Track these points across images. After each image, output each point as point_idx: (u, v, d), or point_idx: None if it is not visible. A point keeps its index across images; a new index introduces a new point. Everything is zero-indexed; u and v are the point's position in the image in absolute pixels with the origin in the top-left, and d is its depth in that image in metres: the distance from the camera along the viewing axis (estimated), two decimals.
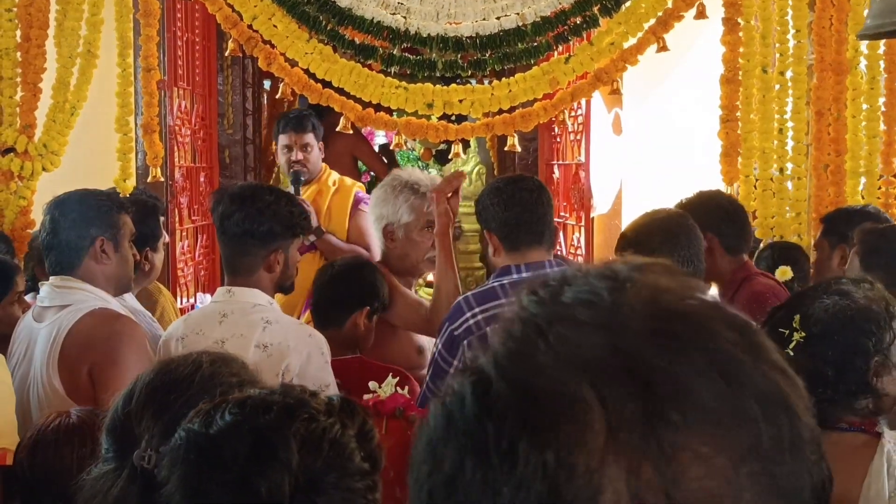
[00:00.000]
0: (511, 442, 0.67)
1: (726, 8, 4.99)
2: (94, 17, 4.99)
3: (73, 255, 3.32)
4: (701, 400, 0.65)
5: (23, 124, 4.98)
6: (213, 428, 1.60)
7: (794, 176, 4.91)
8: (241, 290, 3.29)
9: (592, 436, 0.65)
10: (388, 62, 5.05)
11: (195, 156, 6.47)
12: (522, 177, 3.85)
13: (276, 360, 3.14)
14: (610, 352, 0.67)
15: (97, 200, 3.44)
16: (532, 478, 0.66)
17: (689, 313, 0.70)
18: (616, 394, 0.66)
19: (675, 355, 0.67)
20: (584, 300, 0.71)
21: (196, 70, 6.43)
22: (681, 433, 0.65)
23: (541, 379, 0.68)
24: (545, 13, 5.02)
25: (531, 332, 0.71)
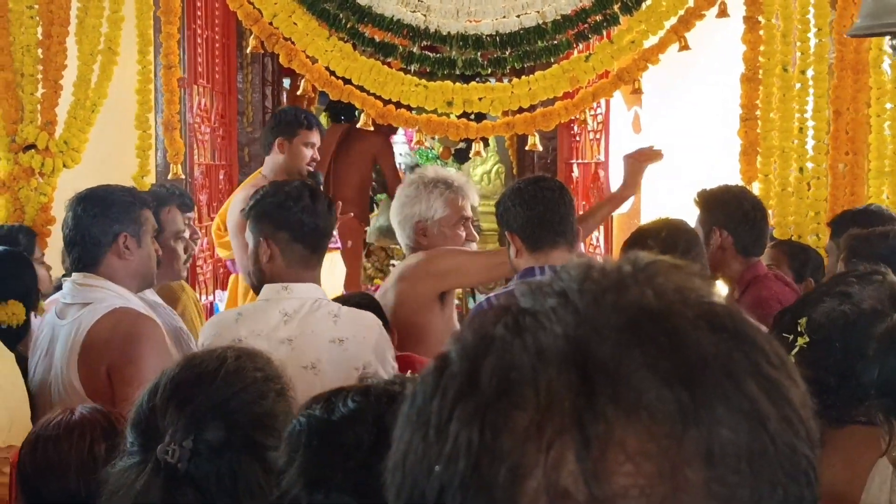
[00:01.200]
0: (446, 419, 0.67)
1: (747, 6, 4.97)
2: (115, 15, 4.99)
3: (95, 250, 3.34)
4: (645, 400, 0.64)
5: (44, 121, 4.99)
6: (335, 415, 1.64)
7: (814, 175, 4.88)
8: (297, 287, 3.25)
9: (518, 419, 0.65)
10: (408, 60, 5.05)
11: (215, 153, 6.50)
12: (543, 177, 3.85)
13: (352, 353, 3.14)
14: (564, 341, 0.67)
15: (119, 196, 3.46)
16: (457, 455, 0.66)
17: (669, 314, 0.68)
18: (554, 380, 0.65)
19: (632, 352, 0.65)
20: (558, 290, 0.71)
21: (216, 68, 6.46)
22: (612, 428, 0.63)
23: (487, 360, 0.68)
24: (565, 11, 5.01)
25: (503, 317, 0.71)
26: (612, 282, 0.71)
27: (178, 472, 1.75)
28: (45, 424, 2.39)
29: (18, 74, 4.97)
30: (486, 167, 9.10)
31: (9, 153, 4.97)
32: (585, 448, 0.63)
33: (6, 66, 4.94)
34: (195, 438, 1.79)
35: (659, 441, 0.63)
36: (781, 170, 4.92)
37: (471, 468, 0.65)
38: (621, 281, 0.71)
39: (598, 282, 0.71)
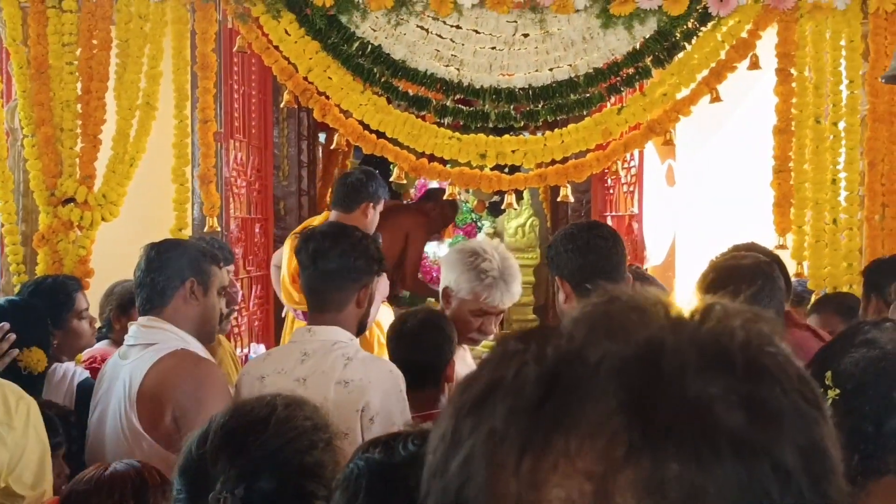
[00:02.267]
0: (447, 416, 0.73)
1: (779, 59, 4.99)
2: (153, 70, 5.08)
3: (163, 293, 3.40)
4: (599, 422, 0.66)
5: (83, 175, 5.07)
6: (396, 458, 1.66)
7: (847, 226, 4.88)
8: (322, 329, 3.34)
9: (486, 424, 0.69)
10: (442, 113, 5.09)
11: (250, 207, 6.54)
12: (597, 224, 3.82)
13: (356, 396, 3.17)
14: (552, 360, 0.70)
15: (193, 247, 3.59)
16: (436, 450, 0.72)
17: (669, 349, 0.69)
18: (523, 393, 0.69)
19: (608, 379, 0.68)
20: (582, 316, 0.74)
21: (252, 123, 6.53)
22: (558, 441, 0.66)
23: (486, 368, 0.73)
24: (597, 64, 5.05)
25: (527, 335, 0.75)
26: (635, 312, 0.72)
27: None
28: (79, 480, 2.42)
29: (58, 129, 5.07)
30: (521, 220, 9.11)
31: (48, 206, 5.04)
32: (522, 454, 0.67)
33: (46, 120, 5.03)
34: (247, 487, 1.80)
35: (603, 463, 0.65)
36: (815, 221, 4.91)
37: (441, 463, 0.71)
38: (645, 312, 0.72)
39: (619, 312, 0.73)
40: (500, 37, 5.03)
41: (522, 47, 5.05)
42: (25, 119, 5.07)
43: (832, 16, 4.92)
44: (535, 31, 5.03)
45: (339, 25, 5.00)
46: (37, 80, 5.05)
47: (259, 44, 5.08)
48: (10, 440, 2.88)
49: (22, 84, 5.09)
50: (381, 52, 5.02)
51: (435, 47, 5.04)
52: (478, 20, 5.00)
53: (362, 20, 4.99)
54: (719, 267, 3.73)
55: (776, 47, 5.00)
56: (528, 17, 5.00)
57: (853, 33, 4.88)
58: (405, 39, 5.02)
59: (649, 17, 4.95)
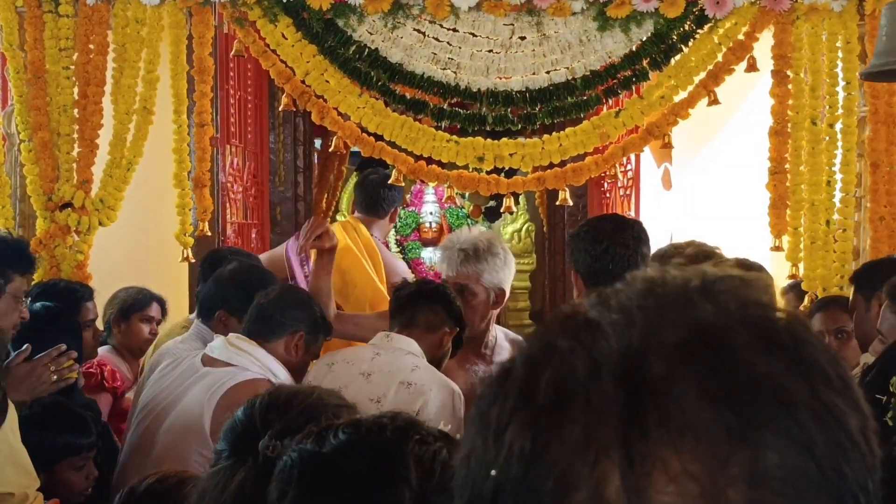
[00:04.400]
0: (504, 425, 0.69)
1: (775, 61, 4.99)
2: (150, 75, 5.07)
3: (274, 331, 3.64)
4: (691, 421, 0.64)
5: (80, 180, 5.06)
6: (326, 447, 1.65)
7: (840, 228, 4.88)
8: (400, 337, 3.63)
9: (569, 431, 0.66)
10: (439, 117, 5.09)
11: (247, 213, 6.53)
12: (623, 226, 3.65)
13: (415, 397, 3.39)
14: (619, 356, 0.68)
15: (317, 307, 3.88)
16: (511, 461, 0.67)
17: (725, 331, 0.68)
18: (605, 396, 0.66)
19: (681, 371, 0.66)
20: (621, 304, 0.72)
21: (248, 128, 6.52)
22: (656, 447, 0.64)
23: (546, 370, 0.69)
24: (595, 67, 5.05)
25: (569, 329, 0.72)
26: (675, 297, 0.72)
27: (273, 469, 1.83)
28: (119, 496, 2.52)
29: (55, 134, 5.06)
30: (517, 225, 9.12)
31: (45, 212, 5.03)
32: (629, 465, 0.64)
33: (43, 125, 5.02)
34: (293, 439, 1.85)
35: (703, 462, 0.64)
36: (811, 223, 4.92)
37: (522, 475, 0.67)
38: (685, 296, 0.72)
39: (661, 297, 0.72)
40: (497, 40, 5.03)
41: (519, 50, 5.05)
42: (22, 124, 5.06)
43: (828, 17, 4.93)
44: (531, 34, 5.03)
45: (336, 29, 5.01)
46: (33, 85, 5.04)
47: (256, 48, 5.08)
48: None
49: (18, 89, 5.08)
50: (378, 56, 5.02)
51: (432, 50, 5.04)
52: (474, 23, 5.00)
53: (359, 24, 4.99)
54: None
55: (772, 49, 5.01)
56: (524, 20, 5.00)
57: (850, 35, 4.89)
58: (402, 43, 5.02)
59: (646, 19, 4.95)
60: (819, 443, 0.66)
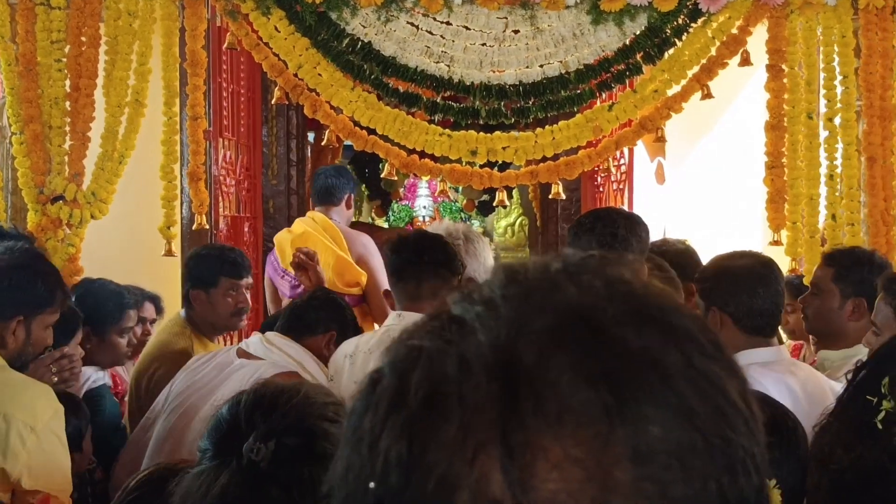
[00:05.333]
0: (377, 434, 0.67)
1: (770, 54, 4.98)
2: (142, 67, 5.05)
3: (308, 329, 3.81)
4: (569, 405, 0.63)
5: (71, 172, 5.04)
6: None
7: (848, 222, 4.87)
8: (411, 315, 3.58)
9: (444, 431, 0.64)
10: (432, 110, 5.08)
11: (240, 206, 6.52)
12: (612, 220, 3.50)
13: None
14: (488, 349, 0.66)
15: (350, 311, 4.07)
16: (388, 470, 0.65)
17: (594, 310, 0.67)
18: (478, 391, 0.64)
19: (557, 356, 0.64)
20: (484, 296, 0.70)
21: (241, 121, 6.50)
22: (536, 436, 0.62)
23: (415, 373, 0.67)
24: (588, 61, 5.04)
25: (435, 328, 0.70)
26: (537, 283, 0.70)
27: (259, 472, 1.84)
28: None
29: (46, 127, 5.04)
30: (510, 219, 9.12)
31: (37, 204, 5.02)
32: (510, 458, 0.62)
33: (35, 118, 5.00)
34: (277, 441, 1.87)
35: (585, 444, 0.62)
36: (809, 217, 4.91)
37: (403, 483, 0.65)
38: (548, 280, 0.70)
39: (523, 284, 0.70)
40: (491, 33, 5.02)
41: (513, 44, 5.04)
42: (14, 116, 5.04)
43: (823, 11, 4.92)
44: (525, 28, 5.02)
45: (329, 22, 4.99)
46: (25, 78, 5.02)
47: (249, 41, 5.06)
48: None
49: (10, 81, 5.06)
50: (371, 49, 5.01)
51: (425, 44, 5.02)
52: (468, 16, 4.99)
53: (352, 17, 4.98)
54: None
55: (767, 43, 5.00)
56: (518, 14, 4.99)
57: (844, 29, 4.88)
58: (395, 36, 5.01)
59: (640, 13, 4.94)
60: (700, 411, 0.64)
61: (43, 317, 3.37)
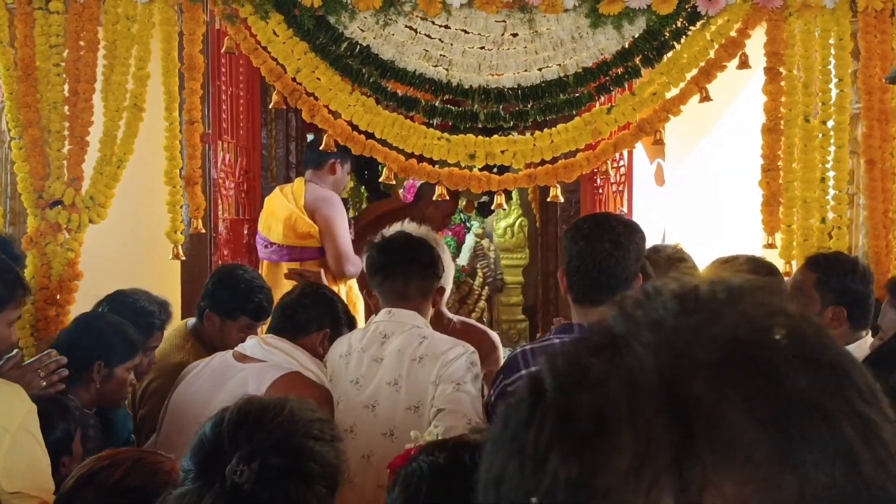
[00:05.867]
0: (545, 451, 0.67)
1: (768, 57, 4.98)
2: (141, 72, 5.05)
3: (303, 328, 3.87)
4: (742, 443, 0.63)
5: (70, 177, 5.04)
6: (461, 467, 1.74)
7: (835, 226, 4.87)
8: (402, 312, 3.76)
9: (617, 459, 0.64)
10: (431, 114, 5.07)
11: (239, 209, 6.52)
12: (609, 222, 3.51)
13: (428, 369, 3.58)
14: (659, 376, 0.66)
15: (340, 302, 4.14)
16: (556, 491, 0.66)
17: (763, 348, 0.67)
18: (652, 421, 0.65)
19: (727, 390, 0.65)
20: (652, 321, 0.71)
21: (240, 124, 6.50)
22: (709, 471, 0.63)
23: (587, 394, 0.68)
24: (587, 64, 5.03)
25: (600, 346, 0.71)
26: (705, 312, 0.70)
27: (243, 493, 1.83)
28: None
29: (45, 131, 5.04)
30: (510, 220, 9.10)
31: (36, 209, 5.02)
32: (683, 491, 0.63)
33: (33, 123, 5.00)
34: (261, 462, 1.87)
35: (754, 485, 0.63)
36: (804, 220, 4.91)
37: (570, 503, 0.66)
38: (715, 310, 0.70)
39: (693, 313, 0.70)
40: (489, 37, 5.02)
41: (511, 47, 5.04)
42: (12, 121, 5.04)
43: (821, 14, 4.91)
44: (524, 31, 5.01)
45: (328, 26, 4.99)
46: (24, 82, 5.02)
47: (247, 45, 5.06)
48: None
49: (9, 86, 5.05)
50: (369, 53, 5.00)
51: (424, 47, 5.02)
52: (466, 20, 4.98)
53: (350, 20, 4.97)
54: None
55: (765, 46, 4.99)
56: (516, 17, 4.99)
57: (842, 31, 4.88)
58: (394, 40, 5.00)
59: (638, 16, 4.94)
60: (864, 460, 0.65)
61: (5, 313, 3.38)
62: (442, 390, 3.55)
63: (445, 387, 3.55)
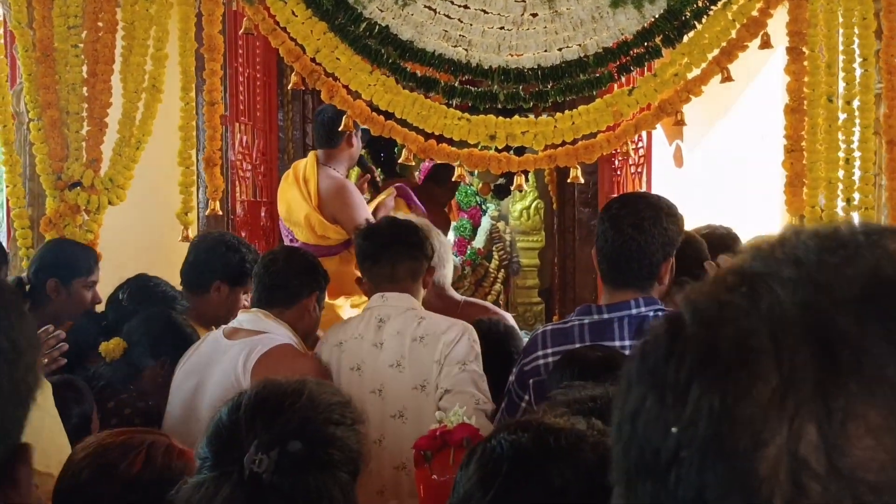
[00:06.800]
0: (685, 383, 0.69)
1: (791, 37, 4.93)
2: (159, 53, 5.03)
3: (293, 296, 3.95)
4: (887, 375, 0.64)
5: (89, 158, 5.03)
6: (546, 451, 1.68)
7: (862, 206, 4.83)
8: (395, 296, 3.84)
9: (761, 388, 0.66)
10: (450, 94, 5.04)
11: (256, 191, 6.52)
12: (637, 205, 3.49)
13: (431, 347, 3.65)
14: (801, 310, 0.68)
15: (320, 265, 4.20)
16: (697, 421, 0.68)
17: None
18: (795, 352, 0.66)
19: (871, 325, 0.66)
20: (793, 258, 0.72)
21: (257, 105, 6.49)
22: (854, 401, 0.64)
23: (728, 327, 0.69)
24: (607, 44, 4.99)
25: (737, 283, 0.72)
26: (847, 251, 0.71)
27: (262, 483, 1.79)
28: None
29: (64, 113, 5.02)
30: (526, 203, 9.08)
31: (55, 191, 5.01)
32: (828, 421, 0.64)
33: (52, 104, 4.99)
34: (280, 451, 1.83)
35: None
36: (828, 201, 4.87)
37: (711, 433, 0.67)
38: (856, 249, 0.72)
39: (834, 251, 0.72)
40: (509, 17, 4.98)
41: (531, 27, 5.00)
42: (31, 102, 5.03)
43: None
44: (543, 11, 4.98)
45: (346, 6, 4.95)
46: (42, 63, 5.00)
47: (266, 25, 5.03)
48: None
49: (27, 67, 5.03)
50: (388, 33, 4.97)
51: (443, 28, 4.99)
52: (486, 0, 4.95)
53: (369, 1, 4.94)
54: None
55: (787, 26, 4.95)
56: None
57: (866, 11, 4.82)
58: (413, 20, 4.97)
59: None
60: None
61: None
62: (448, 371, 3.62)
63: (451, 368, 3.61)
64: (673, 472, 0.69)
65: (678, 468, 0.69)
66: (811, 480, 0.64)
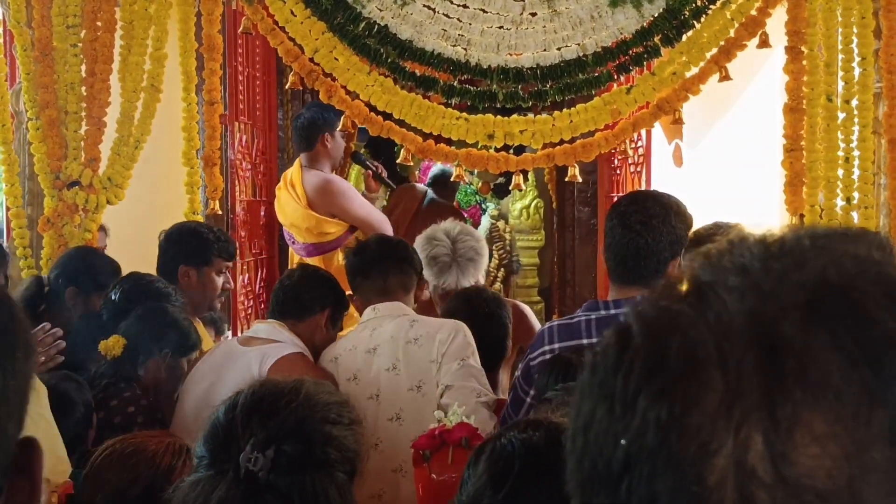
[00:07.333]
0: (633, 394, 0.69)
1: (789, 36, 4.93)
2: (158, 52, 5.04)
3: (304, 310, 3.99)
4: (832, 381, 0.64)
5: (87, 158, 5.03)
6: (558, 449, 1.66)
7: (862, 205, 4.83)
8: (385, 305, 3.91)
9: (707, 398, 0.66)
10: (449, 94, 5.04)
11: (256, 190, 6.51)
12: (644, 203, 3.53)
13: (426, 348, 3.68)
14: (747, 318, 0.67)
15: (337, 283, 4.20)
16: (646, 431, 0.67)
17: (851, 290, 0.68)
18: (741, 360, 0.66)
19: (816, 331, 0.66)
20: (739, 266, 0.72)
21: (256, 105, 6.49)
22: (799, 409, 0.64)
23: (674, 337, 0.69)
24: (606, 43, 4.99)
25: (685, 293, 0.72)
26: (793, 257, 0.71)
27: (258, 482, 1.79)
28: None
29: (62, 112, 5.03)
30: (525, 202, 9.05)
31: (53, 190, 5.01)
32: (774, 429, 0.64)
33: (51, 103, 4.99)
34: (276, 450, 1.83)
35: (845, 422, 0.64)
36: (827, 200, 4.87)
37: (659, 443, 0.67)
38: (802, 255, 0.71)
39: (779, 258, 0.72)
40: (508, 16, 4.98)
41: (530, 26, 5.00)
42: (30, 102, 5.03)
43: None
44: (542, 10, 4.98)
45: (345, 5, 4.95)
46: (41, 63, 5.01)
47: (264, 25, 5.03)
48: None
49: (26, 66, 5.04)
50: (387, 33, 4.97)
51: (442, 27, 4.99)
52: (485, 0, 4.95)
53: (368, 0, 4.94)
54: None
55: (786, 25, 4.94)
56: None
57: (864, 10, 4.82)
58: (412, 19, 4.97)
59: None
60: None
61: None
62: (447, 368, 3.64)
63: (450, 364, 3.64)
64: (624, 482, 0.69)
65: (629, 479, 0.69)
66: (759, 489, 0.64)
